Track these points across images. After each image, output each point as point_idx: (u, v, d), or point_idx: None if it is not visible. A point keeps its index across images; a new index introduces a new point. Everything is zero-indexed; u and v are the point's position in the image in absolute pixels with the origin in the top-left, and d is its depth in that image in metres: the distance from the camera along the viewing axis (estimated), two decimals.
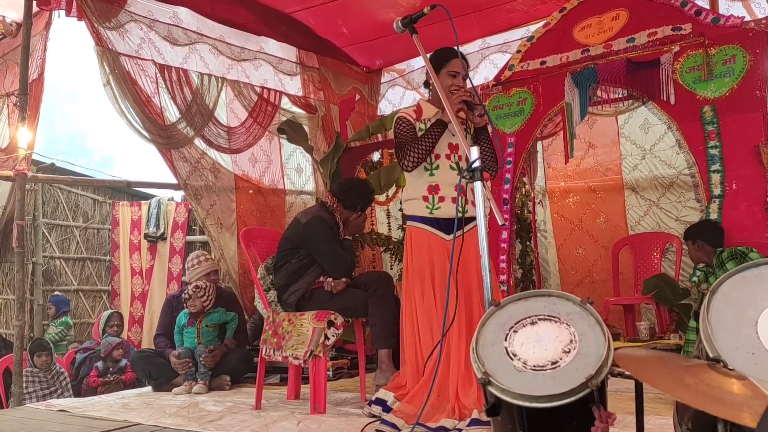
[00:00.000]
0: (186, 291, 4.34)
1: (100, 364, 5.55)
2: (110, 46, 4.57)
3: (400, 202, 3.73)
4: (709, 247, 3.86)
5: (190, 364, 4.18)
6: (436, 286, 3.02)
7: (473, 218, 2.87)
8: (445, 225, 3.06)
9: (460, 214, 2.98)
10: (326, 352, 3.39)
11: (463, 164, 3.05)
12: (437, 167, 3.11)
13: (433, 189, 3.10)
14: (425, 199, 3.09)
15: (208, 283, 4.39)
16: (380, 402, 3.00)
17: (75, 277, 7.46)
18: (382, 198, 5.80)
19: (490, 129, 3.11)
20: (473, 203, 2.86)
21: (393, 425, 2.77)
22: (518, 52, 5.07)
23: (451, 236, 3.01)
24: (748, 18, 4.52)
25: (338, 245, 3.68)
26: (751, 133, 4.03)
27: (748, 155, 4.03)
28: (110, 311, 6.23)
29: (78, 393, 5.36)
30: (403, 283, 3.19)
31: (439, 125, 3.02)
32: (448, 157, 3.09)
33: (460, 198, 2.88)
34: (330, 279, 3.58)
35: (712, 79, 4.17)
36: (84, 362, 5.65)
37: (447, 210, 3.06)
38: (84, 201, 7.67)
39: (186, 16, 5.12)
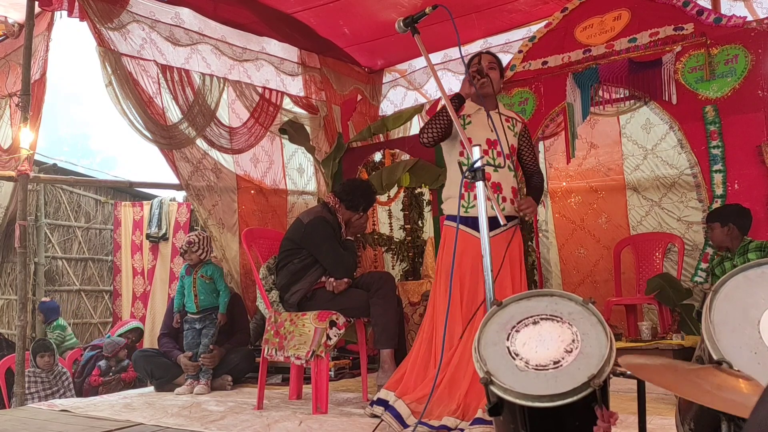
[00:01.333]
0: (181, 246, 4.39)
1: (102, 363, 5.56)
2: (112, 47, 4.58)
3: (440, 203, 3.62)
4: (739, 232, 3.82)
5: (199, 367, 4.19)
6: (466, 285, 2.96)
7: (509, 218, 2.91)
8: (476, 223, 3.01)
9: (464, 212, 3.00)
10: (328, 352, 3.40)
11: (502, 160, 3.00)
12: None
13: (470, 186, 3.03)
14: (462, 197, 3.04)
15: (200, 236, 4.42)
16: (381, 402, 2.99)
17: (77, 277, 7.47)
18: (383, 198, 5.80)
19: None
20: (510, 201, 2.97)
21: (398, 414, 2.77)
22: (520, 52, 5.07)
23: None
24: (750, 18, 4.52)
25: (340, 245, 3.68)
26: (753, 133, 4.03)
27: (750, 155, 4.03)
28: (135, 325, 6.26)
29: (80, 391, 5.37)
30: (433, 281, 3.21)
31: (456, 98, 3.00)
32: (486, 152, 3.02)
33: (496, 196, 2.94)
34: (332, 279, 3.58)
35: (714, 79, 4.17)
36: (90, 360, 5.67)
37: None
38: (86, 201, 7.67)
39: (188, 16, 5.12)
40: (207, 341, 4.23)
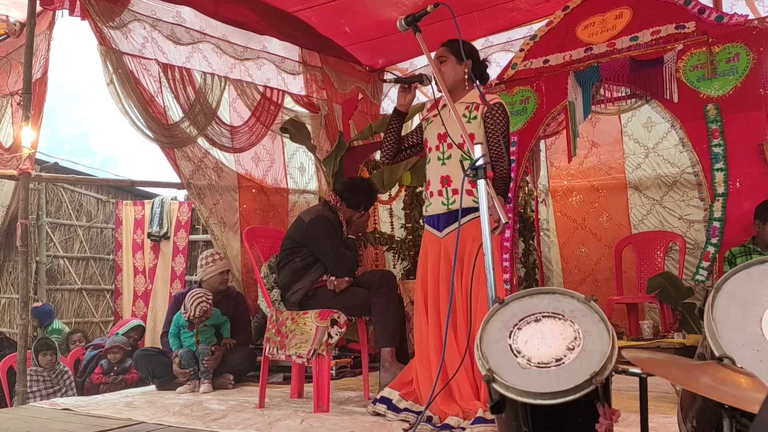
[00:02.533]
0: (192, 316, 4.25)
1: (105, 362, 5.56)
2: (113, 46, 4.58)
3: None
4: None
5: (191, 373, 4.18)
6: (430, 287, 3.02)
7: (467, 210, 2.85)
8: (437, 222, 3.04)
9: (445, 209, 2.97)
10: (329, 350, 3.40)
11: (453, 151, 2.96)
12: (429, 161, 3.11)
13: (425, 185, 3.10)
14: (424, 197, 3.09)
15: (209, 297, 4.32)
16: (385, 400, 2.99)
17: (78, 276, 7.47)
18: (385, 197, 5.80)
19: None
20: (468, 192, 2.84)
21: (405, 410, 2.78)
22: (521, 50, 5.07)
23: (444, 232, 3.00)
24: (751, 16, 4.51)
25: (341, 244, 3.68)
26: (755, 132, 4.02)
27: (751, 153, 4.02)
28: (137, 323, 6.24)
29: (82, 390, 5.37)
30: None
31: (393, 113, 3.09)
32: (437, 148, 3.04)
33: (445, 190, 2.88)
34: (333, 278, 3.58)
35: (716, 78, 4.16)
36: (93, 360, 5.67)
37: (436, 206, 3.03)
38: (87, 200, 7.68)
39: (189, 15, 5.12)
40: (206, 347, 4.23)
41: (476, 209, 2.75)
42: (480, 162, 2.20)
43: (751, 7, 4.83)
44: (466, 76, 3.01)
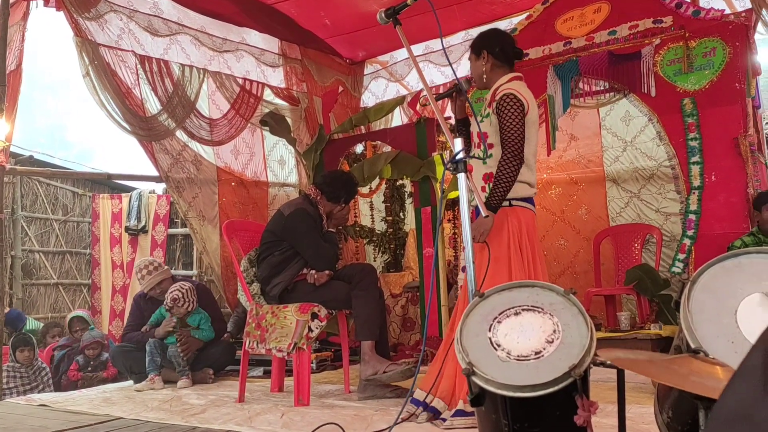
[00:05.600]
0: (165, 303, 4.27)
1: (80, 358, 5.50)
2: (89, 37, 4.51)
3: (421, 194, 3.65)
4: None
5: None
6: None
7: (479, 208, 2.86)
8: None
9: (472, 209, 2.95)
10: (310, 344, 3.40)
11: (474, 151, 2.98)
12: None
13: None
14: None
15: (183, 289, 4.28)
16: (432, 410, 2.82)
17: (55, 270, 7.37)
18: (365, 190, 5.80)
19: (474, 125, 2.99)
20: (482, 189, 2.83)
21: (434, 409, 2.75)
22: (513, 30, 5.08)
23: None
24: (728, 11, 4.56)
25: (321, 237, 3.67)
26: (731, 125, 4.08)
27: (727, 147, 4.08)
28: (73, 314, 6.07)
29: (58, 388, 5.30)
30: None
31: (457, 123, 3.06)
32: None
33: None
34: (313, 271, 3.57)
35: (692, 72, 4.21)
36: (63, 359, 5.58)
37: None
38: (63, 194, 7.57)
39: (167, 6, 5.05)
40: (175, 348, 4.20)
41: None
42: (460, 156, 2.20)
43: (728, 2, 4.88)
44: (491, 68, 2.93)
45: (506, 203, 2.80)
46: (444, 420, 2.63)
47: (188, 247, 6.98)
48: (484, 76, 2.95)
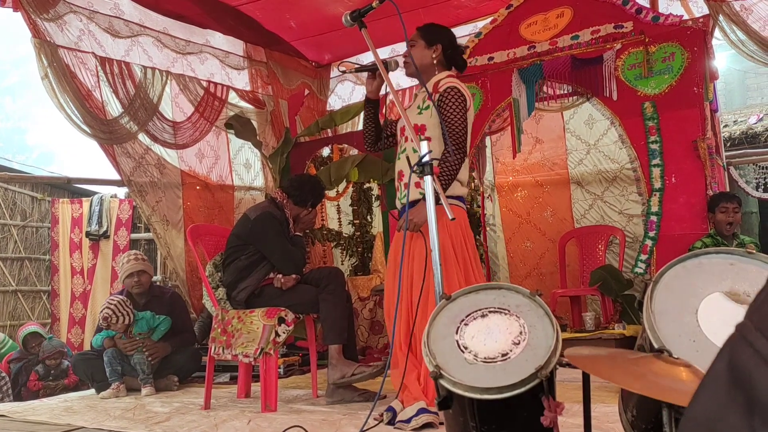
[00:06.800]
0: (98, 320, 4.15)
1: (39, 367, 5.34)
2: (48, 38, 4.41)
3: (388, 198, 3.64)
4: None
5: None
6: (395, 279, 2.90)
7: (413, 203, 2.78)
8: (400, 215, 2.96)
9: (402, 203, 2.90)
10: (277, 349, 3.36)
11: (407, 144, 2.90)
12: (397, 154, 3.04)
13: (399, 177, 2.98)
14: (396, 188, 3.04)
15: (112, 304, 4.15)
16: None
17: (13, 277, 7.17)
18: (332, 193, 5.78)
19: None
20: (416, 185, 2.75)
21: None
22: (466, 47, 5.11)
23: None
24: (686, 17, 4.67)
25: (288, 241, 3.64)
26: (690, 129, 4.17)
27: (686, 150, 4.17)
28: (26, 331, 5.83)
29: (18, 400, 5.14)
30: None
31: (365, 101, 3.03)
32: (400, 141, 3.00)
33: (400, 185, 2.84)
34: (280, 275, 3.54)
35: (652, 76, 4.29)
36: (20, 371, 5.39)
37: (397, 200, 3.03)
38: (21, 198, 7.37)
39: (128, 7, 4.97)
40: (141, 356, 4.12)
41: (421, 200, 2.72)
42: (426, 158, 2.21)
43: (686, 8, 5.00)
44: (435, 61, 2.90)
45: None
46: (407, 422, 2.61)
47: (152, 252, 6.86)
48: (424, 67, 2.88)
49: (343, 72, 3.36)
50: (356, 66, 3.01)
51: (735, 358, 0.48)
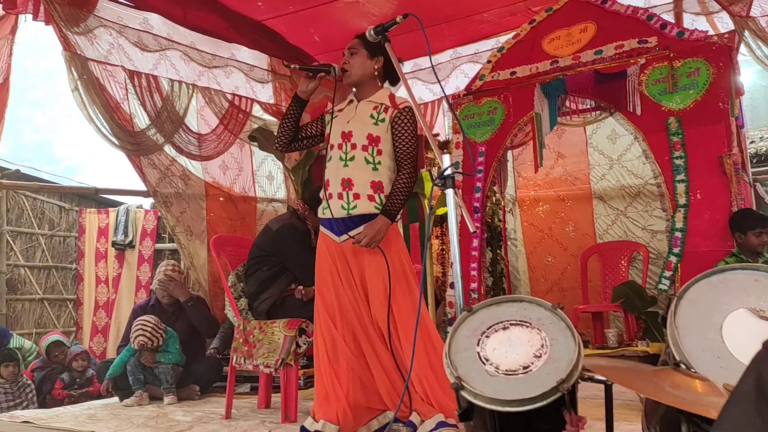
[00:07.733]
0: (132, 343, 4.18)
1: (65, 375, 5.41)
2: (79, 51, 4.51)
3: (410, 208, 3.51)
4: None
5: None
6: (334, 293, 2.83)
7: (364, 216, 2.73)
8: (334, 225, 2.84)
9: (345, 213, 2.76)
10: (297, 360, 3.38)
11: (356, 153, 2.76)
12: (330, 159, 2.85)
13: (324, 186, 2.85)
14: (321, 197, 2.88)
15: (147, 329, 4.15)
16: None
17: (40, 285, 7.29)
18: None
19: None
20: (369, 197, 2.70)
21: None
22: (489, 62, 5.13)
23: (342, 238, 2.81)
24: (711, 32, 4.64)
25: (309, 253, 3.66)
26: (715, 144, 4.12)
27: (711, 165, 4.12)
28: (48, 340, 5.90)
29: (44, 404, 5.21)
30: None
31: (293, 99, 2.94)
32: (339, 147, 2.80)
33: (346, 193, 2.72)
34: (301, 287, 3.56)
35: (677, 92, 4.26)
36: (44, 380, 5.45)
37: (336, 209, 2.79)
38: (50, 208, 7.51)
39: (157, 22, 5.07)
40: (166, 366, 4.18)
41: (376, 215, 2.71)
42: (448, 172, 2.22)
43: (711, 23, 4.97)
44: (376, 73, 2.84)
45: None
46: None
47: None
48: (365, 77, 2.84)
49: (287, 67, 3.33)
50: (302, 65, 3.00)
51: (763, 376, 0.48)
